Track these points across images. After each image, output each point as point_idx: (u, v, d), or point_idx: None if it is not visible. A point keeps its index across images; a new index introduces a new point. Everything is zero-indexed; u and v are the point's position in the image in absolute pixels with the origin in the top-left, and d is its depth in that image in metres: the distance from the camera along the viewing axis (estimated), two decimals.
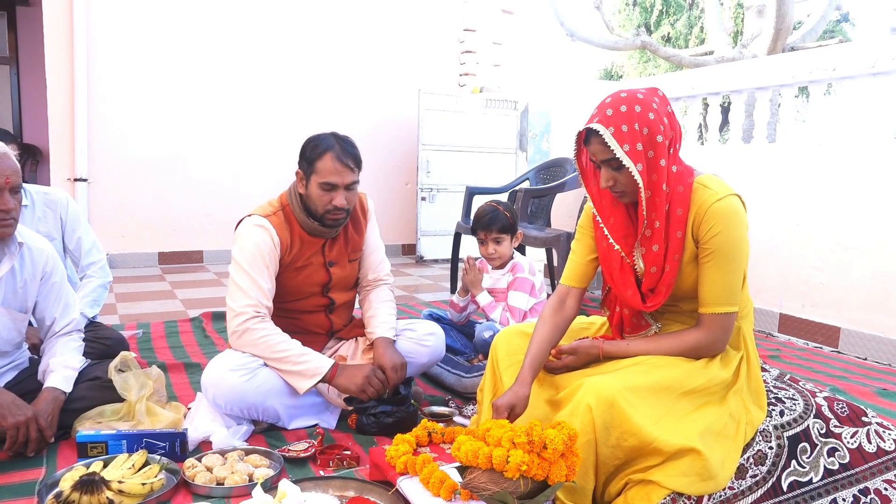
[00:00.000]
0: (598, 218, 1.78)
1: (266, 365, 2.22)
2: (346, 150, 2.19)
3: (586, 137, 1.67)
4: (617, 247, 1.74)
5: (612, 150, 1.58)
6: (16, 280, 2.04)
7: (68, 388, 2.09)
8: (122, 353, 2.28)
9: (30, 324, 2.23)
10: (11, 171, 1.93)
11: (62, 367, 2.11)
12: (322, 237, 2.33)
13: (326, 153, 2.17)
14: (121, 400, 2.15)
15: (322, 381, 2.12)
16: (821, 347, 3.68)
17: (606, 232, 1.76)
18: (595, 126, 1.60)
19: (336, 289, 2.41)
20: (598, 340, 1.80)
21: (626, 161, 1.57)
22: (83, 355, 2.26)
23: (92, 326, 2.68)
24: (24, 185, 2.66)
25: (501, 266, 2.97)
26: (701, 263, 1.66)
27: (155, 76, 5.94)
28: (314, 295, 2.37)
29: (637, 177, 1.58)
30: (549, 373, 1.80)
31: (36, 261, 2.09)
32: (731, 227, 1.62)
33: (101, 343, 2.60)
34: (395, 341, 2.39)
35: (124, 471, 1.76)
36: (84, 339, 2.31)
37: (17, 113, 7.41)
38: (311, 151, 2.21)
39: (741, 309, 1.74)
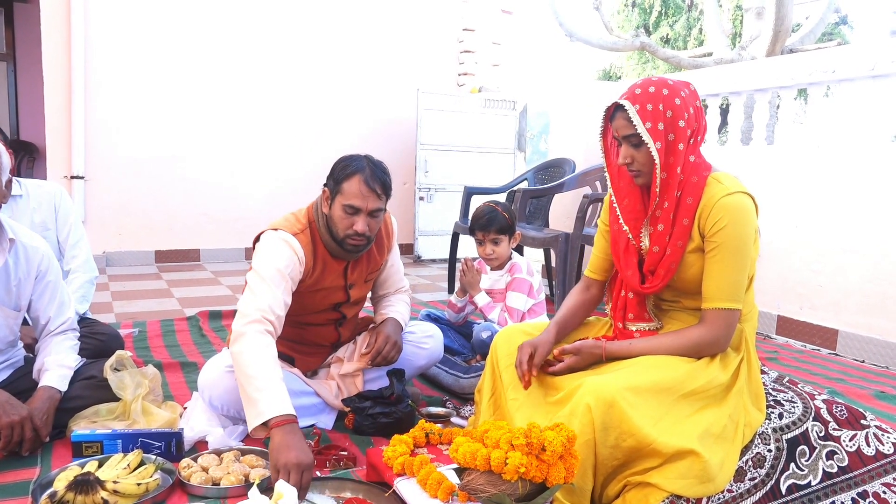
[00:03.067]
0: (613, 198, 1.85)
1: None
2: (375, 175, 2.09)
3: (612, 114, 1.73)
4: (626, 228, 1.79)
5: (635, 126, 1.64)
6: (10, 278, 2.03)
7: (64, 387, 2.08)
8: (118, 352, 2.26)
9: (25, 322, 2.22)
10: None
11: (57, 366, 2.09)
12: (345, 259, 2.25)
13: (355, 175, 2.07)
14: (116, 399, 2.13)
15: (263, 425, 1.78)
16: (818, 350, 3.68)
17: (619, 212, 1.81)
18: (622, 101, 1.68)
19: (349, 306, 2.39)
20: (601, 341, 1.80)
21: (647, 137, 1.64)
22: (78, 352, 2.25)
23: (85, 323, 2.67)
24: (20, 179, 2.67)
25: (499, 267, 2.96)
26: (706, 258, 1.68)
27: (153, 74, 5.92)
28: (326, 311, 2.32)
29: (655, 154, 1.65)
30: (551, 374, 1.80)
31: (31, 259, 2.08)
32: (736, 222, 1.63)
33: (96, 339, 2.59)
34: (402, 327, 2.42)
35: (119, 471, 1.75)
36: (78, 336, 2.30)
37: (14, 110, 7.38)
38: (341, 171, 2.11)
39: (745, 312, 1.74)
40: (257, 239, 2.19)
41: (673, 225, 1.70)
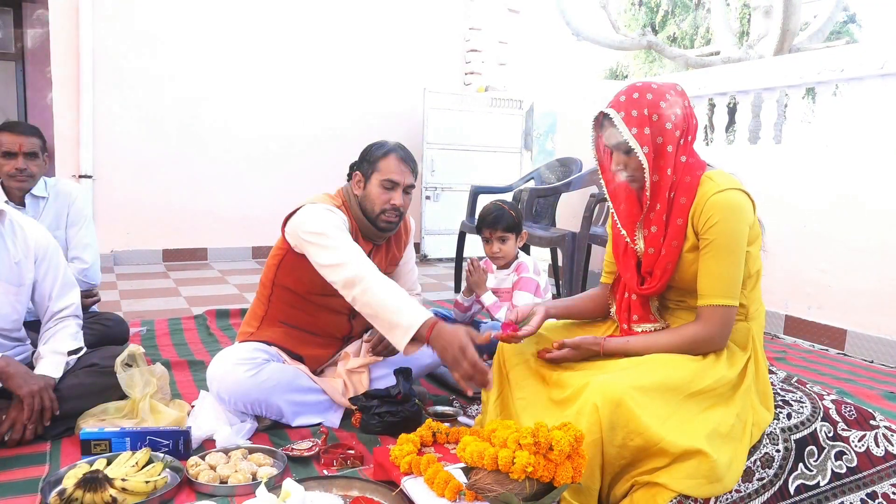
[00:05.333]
0: (609, 203, 1.86)
1: (281, 361, 2.26)
2: (408, 154, 2.31)
3: (601, 123, 1.74)
4: (623, 231, 1.81)
5: (622, 133, 1.65)
6: (10, 255, 2.08)
7: (57, 374, 2.10)
8: (131, 347, 2.28)
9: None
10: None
11: (51, 353, 2.13)
12: (371, 242, 2.36)
13: (391, 153, 2.26)
14: (118, 386, 2.14)
15: (416, 338, 1.90)
16: (827, 350, 3.66)
17: (616, 217, 1.83)
18: (607, 110, 1.69)
19: None
20: (600, 337, 1.82)
21: (633, 143, 1.65)
22: (84, 340, 2.28)
23: (90, 313, 2.71)
24: (47, 180, 2.79)
25: (506, 266, 2.96)
26: (700, 255, 1.69)
27: (160, 72, 5.94)
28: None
29: (643, 159, 1.65)
30: (548, 362, 1.82)
31: (28, 238, 2.13)
32: (728, 218, 1.64)
33: (102, 324, 2.62)
34: None
35: (128, 468, 1.76)
36: (84, 325, 2.33)
37: (23, 109, 7.41)
38: (376, 151, 2.29)
39: (752, 311, 1.74)
40: (289, 217, 2.25)
41: (666, 226, 1.72)
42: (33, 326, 2.32)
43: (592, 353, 1.79)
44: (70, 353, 2.18)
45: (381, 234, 2.34)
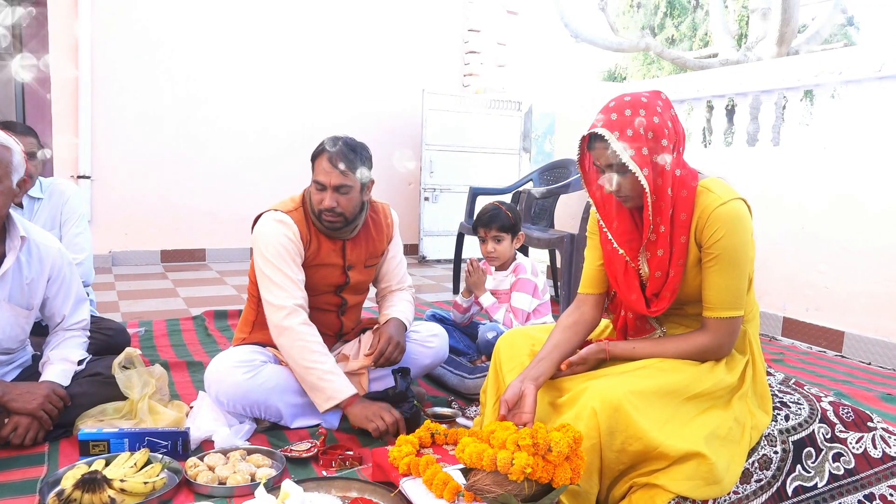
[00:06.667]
0: (601, 222, 1.77)
1: (278, 362, 2.26)
2: (341, 153, 2.19)
3: (589, 142, 1.65)
4: (621, 251, 1.72)
5: (618, 155, 1.56)
6: (22, 276, 2.04)
7: (65, 382, 2.09)
8: (128, 350, 2.27)
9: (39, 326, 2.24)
10: None
11: (60, 361, 2.12)
12: (338, 238, 2.33)
13: (323, 153, 2.22)
14: (122, 397, 2.14)
15: (337, 406, 2.13)
16: (824, 352, 3.67)
17: (610, 236, 1.74)
18: (600, 131, 1.59)
19: (350, 291, 2.44)
20: (602, 343, 1.78)
21: (633, 166, 1.55)
22: (86, 350, 2.27)
23: (91, 319, 2.69)
24: (43, 181, 2.76)
25: (502, 267, 2.96)
26: (705, 268, 1.65)
27: (159, 73, 5.94)
28: (328, 293, 2.38)
29: (644, 182, 1.56)
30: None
31: (43, 258, 2.10)
32: (734, 231, 1.60)
33: (103, 334, 2.62)
34: (406, 327, 2.43)
35: (126, 469, 1.76)
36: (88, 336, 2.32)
37: (22, 109, 7.40)
38: (314, 151, 2.27)
39: (747, 312, 1.72)
40: (256, 221, 2.31)
41: (671, 245, 1.65)
42: (35, 331, 2.32)
43: (600, 360, 1.75)
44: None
45: (335, 231, 2.29)
